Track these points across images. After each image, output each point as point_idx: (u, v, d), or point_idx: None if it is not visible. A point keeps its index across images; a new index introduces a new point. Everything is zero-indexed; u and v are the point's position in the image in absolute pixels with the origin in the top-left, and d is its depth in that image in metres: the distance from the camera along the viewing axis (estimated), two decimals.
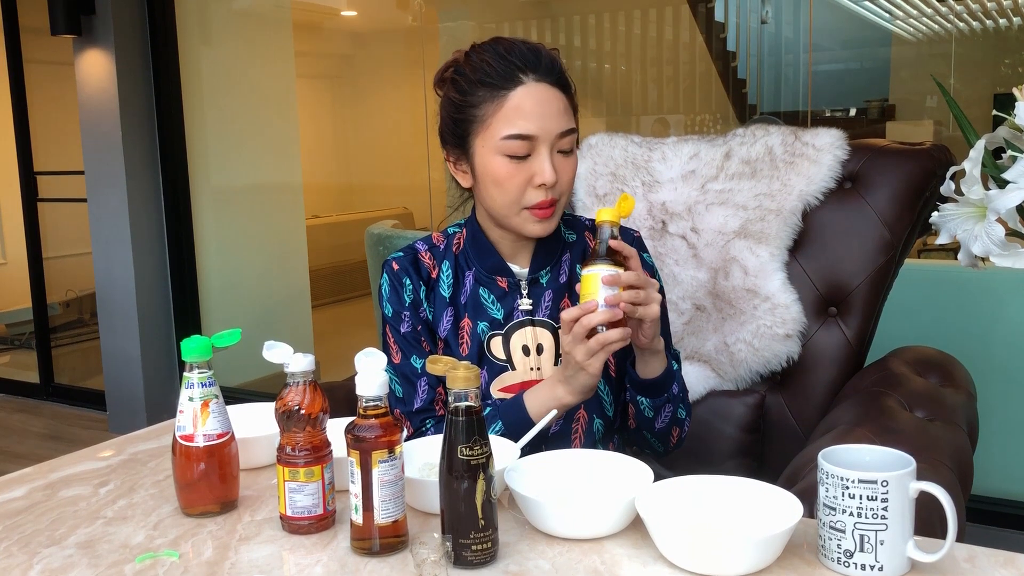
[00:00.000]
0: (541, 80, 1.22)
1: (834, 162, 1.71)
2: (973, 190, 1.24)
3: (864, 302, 1.68)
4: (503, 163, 1.23)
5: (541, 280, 1.33)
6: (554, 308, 1.32)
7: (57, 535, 1.04)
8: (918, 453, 1.26)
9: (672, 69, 6.27)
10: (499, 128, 1.22)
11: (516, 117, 1.21)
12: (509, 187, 1.23)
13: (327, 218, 6.85)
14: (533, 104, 1.21)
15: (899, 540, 0.86)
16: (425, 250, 1.37)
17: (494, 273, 1.32)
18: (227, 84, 4.36)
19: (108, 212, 4.05)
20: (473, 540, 0.91)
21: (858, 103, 5.55)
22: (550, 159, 1.22)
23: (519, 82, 1.21)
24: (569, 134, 1.24)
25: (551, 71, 1.23)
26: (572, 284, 1.34)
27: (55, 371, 4.75)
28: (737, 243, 1.72)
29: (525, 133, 1.21)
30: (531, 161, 1.22)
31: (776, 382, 1.72)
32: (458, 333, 1.32)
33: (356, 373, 0.98)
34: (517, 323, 1.31)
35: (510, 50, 1.23)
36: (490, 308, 1.32)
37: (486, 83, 1.22)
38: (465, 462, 0.91)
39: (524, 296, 1.32)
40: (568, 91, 1.26)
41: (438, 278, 1.35)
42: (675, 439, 1.33)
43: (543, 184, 1.22)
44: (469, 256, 1.34)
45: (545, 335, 1.31)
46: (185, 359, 1.08)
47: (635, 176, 1.86)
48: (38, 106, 4.56)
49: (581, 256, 1.36)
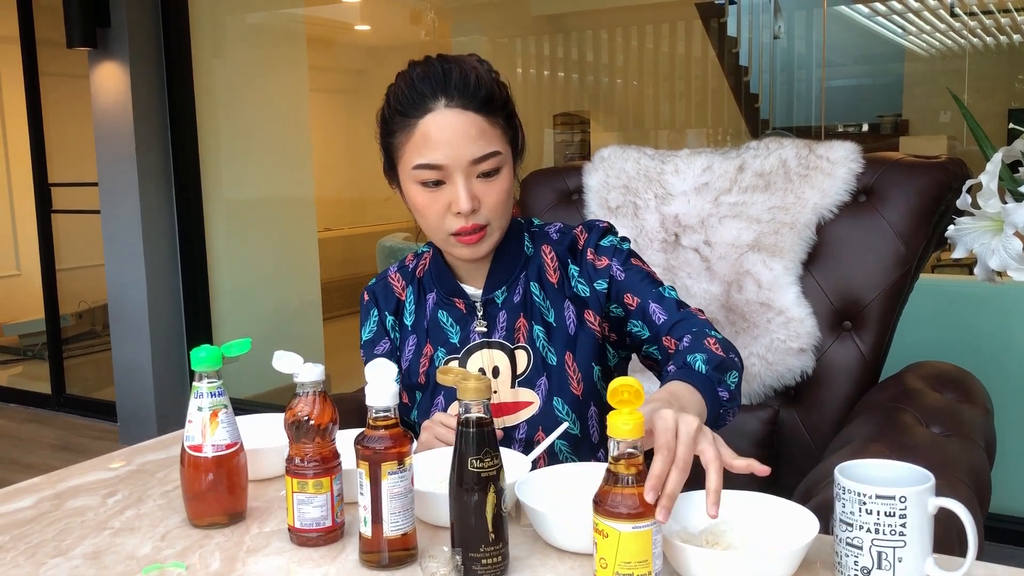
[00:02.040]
0: (452, 106, 1.18)
1: (849, 175, 1.70)
2: (990, 203, 1.23)
3: (879, 316, 1.66)
4: (418, 192, 1.22)
5: (497, 300, 1.31)
6: (509, 329, 1.29)
7: (64, 545, 1.04)
8: (935, 469, 1.24)
9: (684, 84, 6.28)
10: (411, 157, 1.21)
11: (424, 147, 1.19)
12: (428, 215, 1.23)
13: (339, 231, 6.86)
14: (440, 132, 1.18)
15: (918, 557, 0.84)
16: (396, 273, 1.40)
17: (451, 295, 1.32)
18: (240, 97, 4.38)
19: (121, 223, 4.07)
20: (483, 554, 0.90)
21: (871, 118, 5.54)
22: (466, 186, 1.19)
23: (428, 110, 1.19)
24: (487, 159, 1.19)
25: (464, 92, 1.18)
26: (527, 303, 1.30)
27: (67, 382, 4.76)
28: (751, 256, 1.71)
29: (432, 163, 1.19)
30: (446, 189, 1.20)
31: (790, 397, 1.70)
32: (420, 361, 1.33)
33: (366, 384, 0.98)
34: (474, 346, 1.30)
35: (422, 76, 1.20)
36: (448, 331, 1.32)
37: (400, 112, 1.21)
38: (476, 474, 0.89)
39: (479, 318, 1.30)
40: (490, 110, 1.20)
41: (404, 302, 1.37)
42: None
43: (460, 212, 1.20)
44: (432, 277, 1.35)
45: (501, 357, 1.29)
46: (194, 368, 1.08)
47: (648, 188, 1.85)
48: (53, 118, 4.60)
49: (537, 273, 1.31)
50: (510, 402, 1.27)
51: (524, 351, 1.29)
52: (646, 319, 1.25)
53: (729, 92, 6.11)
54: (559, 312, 1.30)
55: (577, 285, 1.30)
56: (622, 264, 1.28)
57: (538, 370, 1.28)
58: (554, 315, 1.30)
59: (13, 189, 6.37)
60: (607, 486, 0.82)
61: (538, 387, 1.28)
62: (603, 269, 1.29)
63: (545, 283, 1.31)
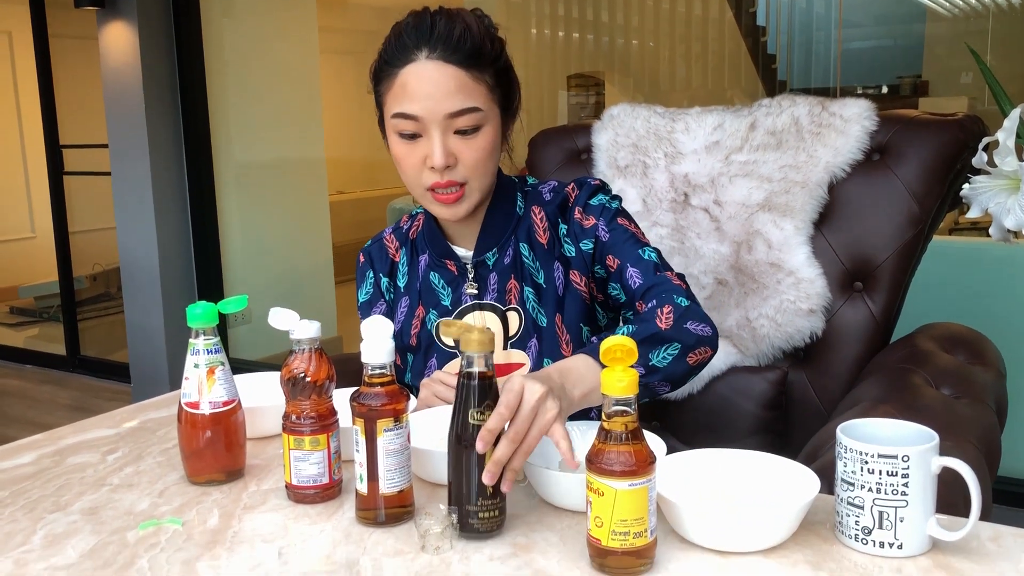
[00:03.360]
0: (433, 57, 1.16)
1: (862, 133, 1.66)
2: (1007, 161, 1.20)
3: (891, 277, 1.63)
4: (397, 143, 1.21)
5: (488, 262, 1.29)
6: (500, 291, 1.28)
7: (62, 501, 1.04)
8: (943, 431, 1.22)
9: (701, 45, 6.18)
10: (390, 106, 1.20)
11: (402, 97, 1.17)
12: (405, 167, 1.21)
13: (351, 194, 6.84)
14: (417, 83, 1.16)
15: (920, 517, 0.82)
16: (391, 235, 1.39)
17: (443, 257, 1.31)
18: (250, 58, 4.35)
19: (132, 185, 4.06)
20: (480, 507, 0.89)
21: (891, 79, 5.45)
22: (441, 141, 1.16)
23: (409, 60, 1.17)
24: (466, 113, 1.16)
25: (447, 44, 1.15)
26: (518, 263, 1.28)
27: (82, 344, 4.79)
28: (761, 216, 1.68)
29: (408, 113, 1.17)
30: (422, 142, 1.18)
31: (799, 358, 1.68)
32: (412, 322, 1.32)
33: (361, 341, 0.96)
34: (465, 308, 1.29)
35: (410, 27, 1.18)
36: (440, 293, 1.31)
37: (386, 61, 1.20)
38: (476, 427, 0.88)
39: (470, 280, 1.29)
40: (475, 65, 1.17)
41: (398, 264, 1.36)
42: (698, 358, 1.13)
43: (434, 167, 1.18)
44: (425, 239, 1.34)
45: (493, 319, 1.28)
46: (190, 325, 1.07)
47: (657, 147, 1.82)
48: (63, 80, 4.58)
49: (526, 234, 1.29)
50: (503, 363, 1.26)
51: (516, 312, 1.28)
52: (623, 282, 1.23)
53: (746, 53, 6.01)
54: (548, 273, 1.28)
55: (565, 245, 1.28)
56: (608, 224, 1.26)
57: (529, 332, 1.27)
58: (544, 276, 1.28)
59: (27, 151, 6.37)
60: (600, 443, 0.80)
61: (529, 349, 1.27)
62: (590, 229, 1.26)
63: (535, 244, 1.29)
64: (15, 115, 6.42)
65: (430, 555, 0.87)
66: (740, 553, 0.85)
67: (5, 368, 4.95)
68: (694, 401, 1.73)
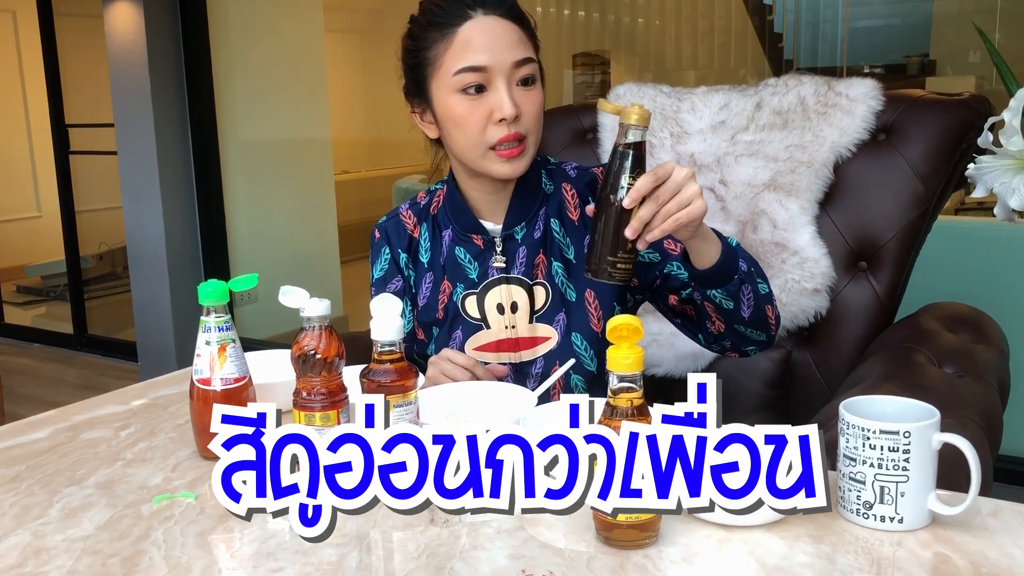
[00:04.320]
0: (490, 13, 1.21)
1: (868, 113, 1.67)
2: (1012, 141, 1.20)
3: (895, 257, 1.64)
4: (459, 101, 1.21)
5: (516, 236, 1.30)
6: (528, 265, 1.29)
7: (78, 475, 1.06)
8: (945, 408, 1.23)
9: (708, 23, 6.15)
10: (451, 65, 1.20)
11: (465, 51, 1.19)
12: (468, 126, 1.21)
13: (356, 173, 6.84)
14: (482, 35, 1.19)
15: (920, 492, 0.84)
16: (407, 211, 1.38)
17: (468, 231, 1.32)
18: (255, 38, 4.34)
19: (137, 165, 4.07)
20: (619, 259, 1.01)
21: (898, 58, 5.42)
22: (507, 91, 1.19)
23: (467, 17, 1.20)
24: (526, 63, 1.21)
25: (500, 3, 1.22)
26: (547, 239, 1.30)
27: (88, 322, 4.82)
28: (767, 196, 1.69)
29: (476, 65, 1.19)
30: (488, 96, 1.20)
31: (803, 337, 1.69)
32: (438, 297, 1.33)
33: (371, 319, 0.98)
34: (491, 281, 1.30)
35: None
36: (466, 267, 1.31)
37: (435, 23, 1.22)
38: (628, 188, 0.99)
39: (498, 254, 1.30)
40: (524, 23, 1.24)
41: (419, 240, 1.36)
42: (772, 319, 1.23)
43: (503, 119, 1.19)
44: (447, 214, 1.34)
45: (520, 292, 1.29)
46: (202, 303, 1.08)
47: (663, 127, 1.82)
48: (69, 59, 4.58)
49: (557, 210, 1.31)
50: (527, 337, 1.28)
51: (543, 287, 1.29)
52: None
53: (753, 32, 5.99)
54: (579, 249, 1.29)
55: None
56: None
57: (556, 306, 1.28)
58: (574, 252, 1.30)
59: (32, 130, 6.38)
60: (606, 419, 0.82)
61: (556, 322, 1.28)
62: None
63: (566, 220, 1.31)
64: (20, 95, 6.42)
65: (439, 528, 0.89)
66: (743, 527, 0.86)
67: (13, 347, 4.99)
68: None
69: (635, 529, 0.82)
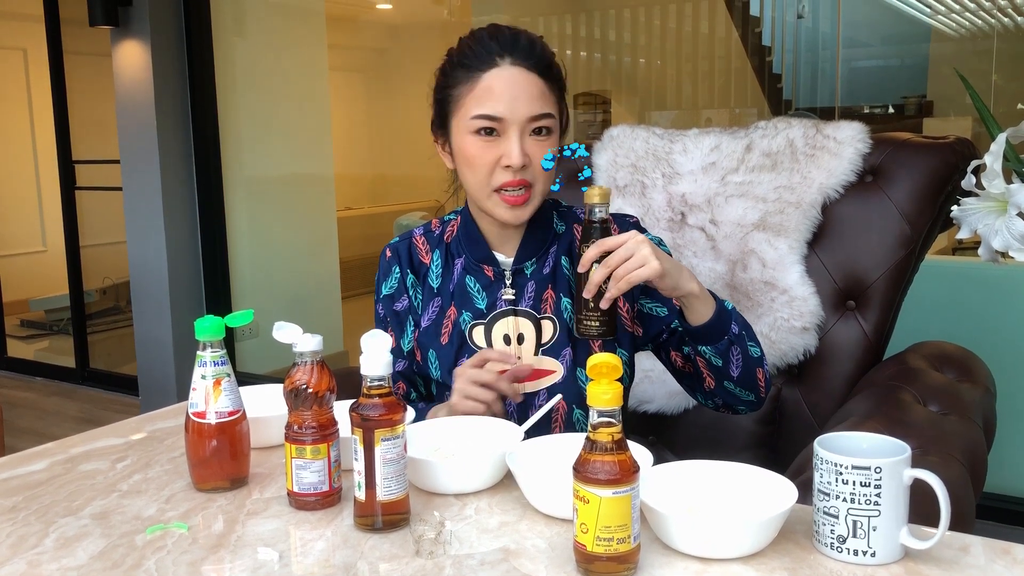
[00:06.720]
0: (517, 64, 1.25)
1: (855, 155, 1.70)
2: (994, 184, 1.23)
3: (883, 296, 1.67)
4: (472, 141, 1.26)
5: (526, 271, 1.34)
6: (536, 299, 1.33)
7: (74, 506, 1.08)
8: (928, 446, 1.26)
9: (707, 64, 6.23)
10: (470, 108, 1.25)
11: (486, 98, 1.24)
12: (478, 167, 1.26)
13: (359, 210, 6.89)
14: (504, 86, 1.24)
15: (892, 527, 0.86)
16: (421, 236, 1.42)
17: (481, 262, 1.35)
18: (260, 76, 4.41)
19: (142, 201, 4.13)
20: (585, 316, 1.15)
21: (895, 99, 5.48)
22: (519, 141, 1.23)
23: (493, 64, 1.25)
24: (544, 118, 1.25)
25: (530, 55, 1.26)
26: (557, 275, 1.34)
27: (91, 356, 4.85)
28: (756, 235, 1.72)
29: (493, 114, 1.24)
30: (500, 141, 1.25)
31: (793, 375, 1.72)
32: (442, 323, 1.35)
33: (360, 354, 1.00)
34: (499, 313, 1.33)
35: (492, 34, 1.27)
36: (475, 297, 1.34)
37: (464, 65, 1.27)
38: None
39: (507, 286, 1.33)
40: (549, 77, 1.28)
41: (429, 266, 1.39)
42: (762, 382, 1.29)
43: (509, 166, 1.24)
44: (461, 244, 1.37)
45: (527, 325, 1.32)
46: (198, 338, 1.11)
47: (655, 168, 1.86)
48: (77, 96, 4.65)
49: (567, 248, 1.36)
50: (534, 368, 1.30)
51: (550, 321, 1.32)
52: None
53: (752, 72, 6.06)
54: None
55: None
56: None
57: (563, 341, 1.31)
58: None
59: (40, 167, 6.45)
60: (587, 453, 0.84)
61: (562, 357, 1.31)
62: None
63: (575, 258, 1.34)
64: (29, 131, 6.51)
65: (424, 559, 0.91)
66: (720, 560, 0.88)
67: (15, 380, 5.01)
68: (689, 416, 1.76)
69: (614, 561, 0.84)
